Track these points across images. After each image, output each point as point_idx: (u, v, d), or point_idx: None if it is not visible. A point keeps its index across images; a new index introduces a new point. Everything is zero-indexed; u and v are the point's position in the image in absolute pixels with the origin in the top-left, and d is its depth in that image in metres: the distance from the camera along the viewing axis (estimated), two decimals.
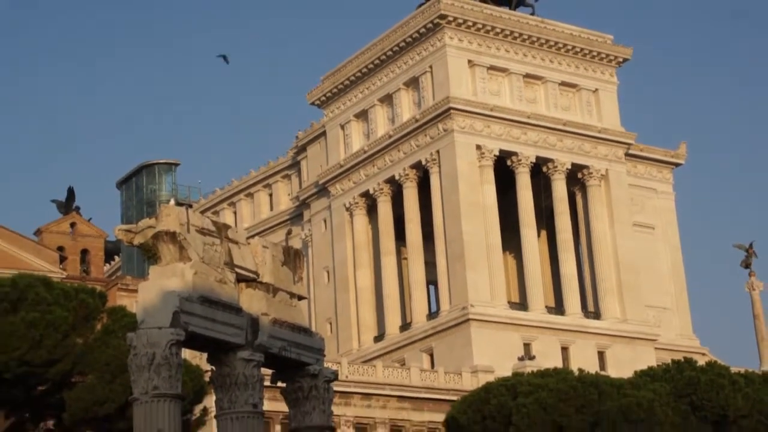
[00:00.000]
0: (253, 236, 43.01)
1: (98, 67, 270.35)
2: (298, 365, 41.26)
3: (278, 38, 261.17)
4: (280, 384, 42.32)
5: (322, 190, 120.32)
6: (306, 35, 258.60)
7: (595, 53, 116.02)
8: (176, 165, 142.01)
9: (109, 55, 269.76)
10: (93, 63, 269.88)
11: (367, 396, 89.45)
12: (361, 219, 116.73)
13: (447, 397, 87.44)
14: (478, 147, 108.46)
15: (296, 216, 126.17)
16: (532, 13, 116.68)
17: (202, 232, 38.47)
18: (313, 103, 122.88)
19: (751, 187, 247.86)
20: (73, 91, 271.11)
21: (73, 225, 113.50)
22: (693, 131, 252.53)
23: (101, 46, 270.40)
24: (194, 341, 37.68)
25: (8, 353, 55.16)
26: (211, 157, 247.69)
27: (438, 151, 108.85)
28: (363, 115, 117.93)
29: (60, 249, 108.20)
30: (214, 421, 39.81)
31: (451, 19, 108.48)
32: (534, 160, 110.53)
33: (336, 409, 51.89)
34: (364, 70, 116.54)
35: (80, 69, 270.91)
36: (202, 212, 47.82)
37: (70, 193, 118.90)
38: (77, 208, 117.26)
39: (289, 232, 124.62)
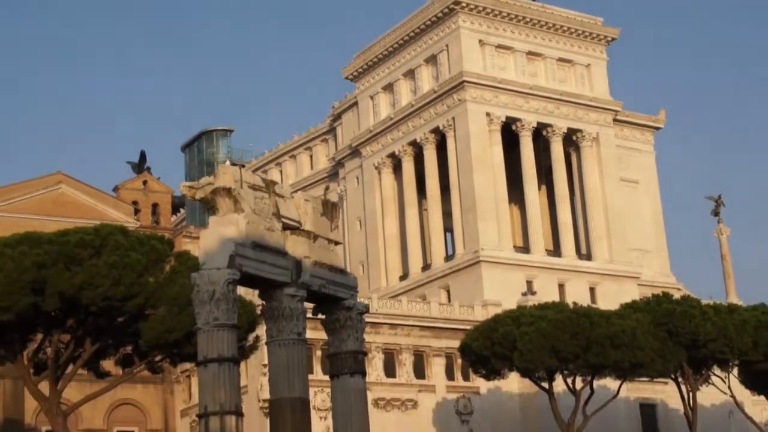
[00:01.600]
0: (296, 191, 43.14)
1: (166, 43, 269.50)
2: (335, 300, 41.54)
3: (317, 20, 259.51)
4: (320, 316, 42.44)
5: (355, 152, 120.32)
6: (340, 18, 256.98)
7: (587, 33, 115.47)
8: (231, 131, 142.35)
9: (172, 34, 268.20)
10: (153, 43, 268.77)
11: (393, 326, 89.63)
12: (388, 176, 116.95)
13: (461, 327, 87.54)
14: (488, 114, 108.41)
15: (333, 174, 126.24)
16: None
17: (253, 187, 38.63)
18: (347, 78, 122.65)
19: (721, 147, 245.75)
20: (147, 68, 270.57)
21: (145, 182, 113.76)
22: (671, 100, 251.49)
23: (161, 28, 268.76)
24: (247, 280, 37.82)
25: (93, 290, 55.53)
26: (260, 124, 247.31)
27: (453, 118, 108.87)
28: (389, 88, 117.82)
29: (134, 203, 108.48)
30: (265, 347, 40.29)
31: (464, 5, 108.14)
32: (535, 125, 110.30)
33: (367, 337, 52.26)
34: (390, 49, 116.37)
35: (148, 48, 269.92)
36: (253, 171, 48.42)
37: (142, 155, 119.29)
38: (148, 168, 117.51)
39: (327, 188, 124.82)
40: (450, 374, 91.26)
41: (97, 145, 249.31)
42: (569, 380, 76.14)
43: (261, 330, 46.54)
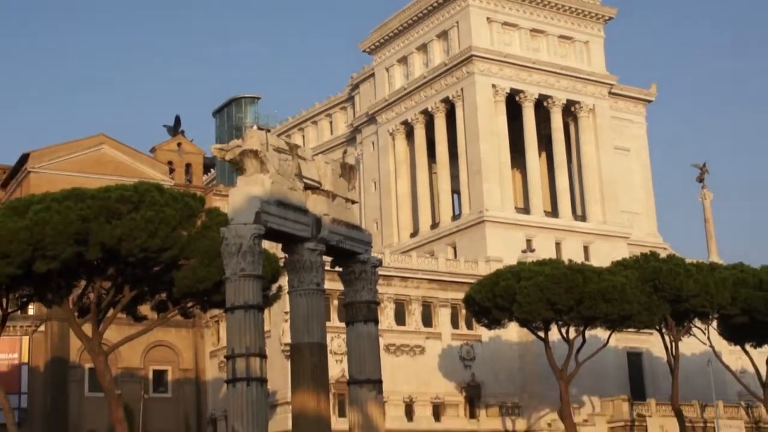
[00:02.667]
0: (317, 154, 43.22)
1: (202, 18, 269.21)
2: (351, 254, 41.50)
3: None
4: (337, 268, 42.42)
5: (371, 119, 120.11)
6: None
7: (586, 12, 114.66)
8: (258, 98, 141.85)
9: (210, 8, 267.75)
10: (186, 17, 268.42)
11: (404, 279, 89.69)
12: (401, 141, 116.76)
13: (466, 280, 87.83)
14: (493, 86, 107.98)
15: (350, 139, 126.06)
16: None
17: (278, 150, 38.48)
18: (364, 51, 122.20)
19: (708, 119, 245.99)
20: (182, 41, 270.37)
21: (179, 144, 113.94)
22: (663, 75, 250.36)
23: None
24: (271, 235, 37.82)
25: (132, 242, 55.76)
26: (285, 93, 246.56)
27: (462, 89, 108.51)
28: (403, 60, 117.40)
29: (169, 163, 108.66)
30: (287, 296, 40.35)
31: None
32: (537, 97, 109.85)
33: (380, 289, 52.31)
34: (405, 24, 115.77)
35: (183, 23, 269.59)
36: (278, 135, 47.94)
37: (177, 120, 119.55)
38: (182, 132, 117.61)
39: (345, 152, 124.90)
40: (455, 323, 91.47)
41: (136, 109, 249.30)
42: (563, 330, 76.44)
43: (283, 281, 46.80)
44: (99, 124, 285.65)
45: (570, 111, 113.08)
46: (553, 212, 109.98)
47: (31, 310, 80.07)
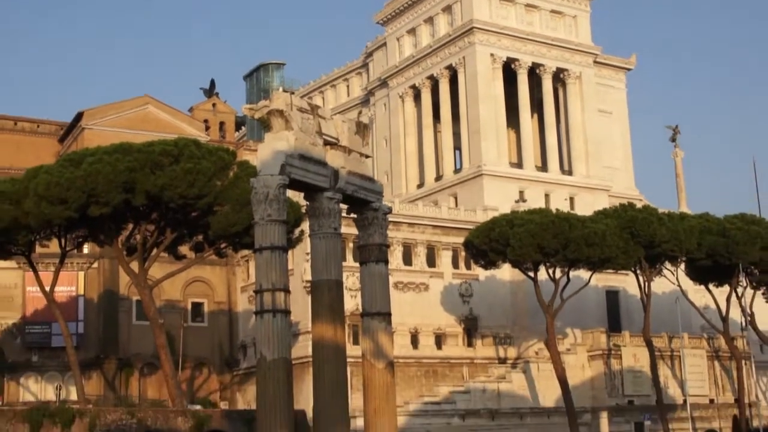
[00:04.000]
0: (335, 114, 43.16)
1: None
2: (364, 202, 41.40)
3: None
4: (352, 215, 42.43)
5: (383, 84, 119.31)
6: None
7: None
8: (283, 64, 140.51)
9: None
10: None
11: (411, 225, 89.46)
12: (409, 103, 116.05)
13: (465, 227, 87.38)
14: (492, 55, 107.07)
15: (365, 101, 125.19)
16: None
17: (301, 110, 38.25)
18: (377, 22, 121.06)
19: (683, 85, 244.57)
20: (218, 13, 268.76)
21: (214, 105, 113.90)
22: (642, 46, 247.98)
23: None
24: (295, 185, 37.68)
25: (173, 190, 55.99)
26: (307, 60, 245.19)
27: (464, 57, 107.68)
28: (412, 31, 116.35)
29: (205, 121, 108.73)
30: (308, 239, 40.34)
31: None
32: (530, 65, 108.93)
33: (390, 233, 52.50)
34: (413, 0, 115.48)
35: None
36: (301, 97, 47.87)
37: (212, 83, 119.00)
38: (217, 93, 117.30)
39: (359, 112, 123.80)
40: (455, 264, 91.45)
41: (176, 74, 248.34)
42: (550, 271, 76.43)
43: (305, 225, 46.88)
44: (144, 86, 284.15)
45: (559, 78, 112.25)
46: (543, 167, 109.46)
47: (85, 249, 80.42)
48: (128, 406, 54.81)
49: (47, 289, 63.28)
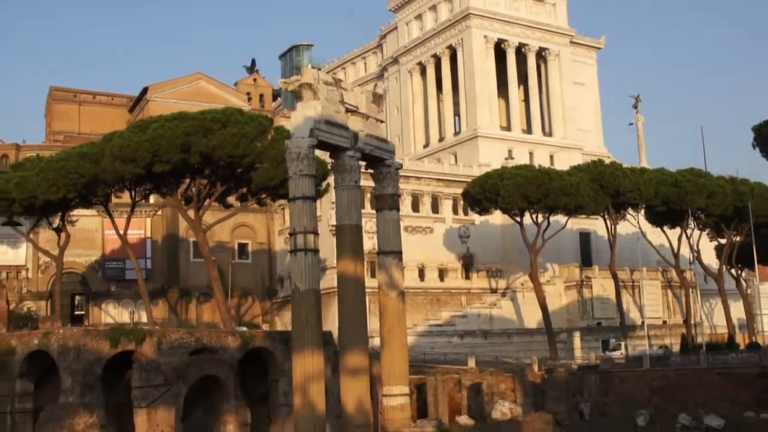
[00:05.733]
0: (355, 86, 43.15)
1: None
2: (379, 160, 41.64)
3: None
4: (369, 170, 42.66)
5: (395, 61, 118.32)
6: None
7: None
8: (312, 45, 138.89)
9: None
10: None
11: (418, 178, 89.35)
12: (417, 77, 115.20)
13: (463, 180, 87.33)
14: (485, 36, 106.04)
15: (380, 75, 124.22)
16: None
17: (326, 83, 38.29)
18: (390, 9, 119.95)
19: (644, 61, 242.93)
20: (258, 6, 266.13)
21: (254, 80, 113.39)
22: (609, 28, 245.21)
23: None
24: (321, 145, 37.81)
25: (221, 150, 55.84)
26: (331, 41, 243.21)
27: (462, 39, 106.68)
28: (419, 17, 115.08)
29: (247, 93, 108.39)
30: (333, 190, 40.37)
31: None
32: (517, 45, 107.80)
33: (401, 185, 52.34)
34: None
35: None
36: (326, 73, 47.10)
37: (253, 62, 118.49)
38: (257, 70, 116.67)
39: (375, 85, 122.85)
40: (455, 211, 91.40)
41: (223, 54, 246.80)
42: (534, 216, 76.38)
43: (330, 179, 46.68)
44: (197, 64, 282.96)
45: (541, 55, 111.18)
46: (528, 130, 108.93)
47: (151, 199, 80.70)
48: (188, 328, 55.30)
49: (121, 232, 63.63)
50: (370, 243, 68.66)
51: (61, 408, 43.63)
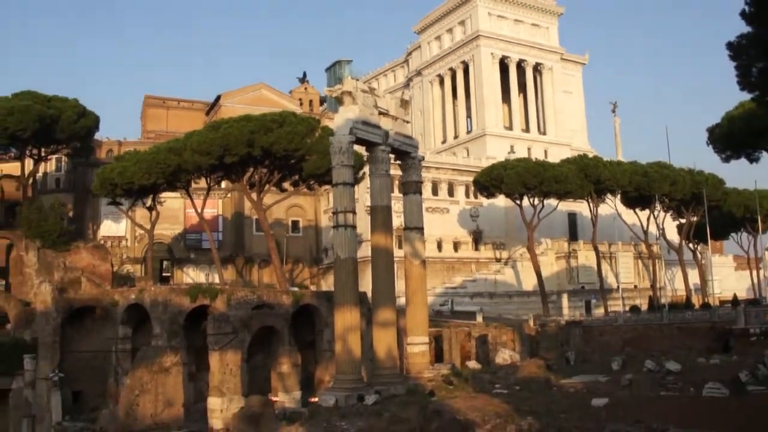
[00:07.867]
0: (386, 94, 42.92)
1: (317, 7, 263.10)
2: (406, 153, 41.26)
3: None
4: (397, 161, 42.23)
5: (419, 73, 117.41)
6: None
7: (546, 9, 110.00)
8: (351, 61, 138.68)
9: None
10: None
11: (437, 168, 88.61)
12: (436, 87, 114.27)
13: (474, 170, 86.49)
14: (491, 53, 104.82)
15: (406, 85, 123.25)
16: None
17: (363, 91, 38.09)
18: (415, 32, 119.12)
19: (621, 74, 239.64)
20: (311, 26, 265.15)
21: (305, 89, 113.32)
22: (592, 47, 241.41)
23: None
24: (359, 141, 37.54)
25: (279, 145, 55.93)
26: (367, 58, 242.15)
27: (473, 55, 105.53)
28: (439, 38, 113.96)
29: (299, 100, 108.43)
30: (368, 178, 40.21)
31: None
32: (517, 60, 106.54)
33: (423, 174, 52.12)
34: (440, 15, 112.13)
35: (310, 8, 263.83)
36: (363, 82, 46.62)
37: (304, 74, 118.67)
38: (307, 81, 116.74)
39: (402, 93, 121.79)
40: (467, 195, 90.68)
41: (280, 67, 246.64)
42: (531, 200, 75.70)
43: (366, 168, 46.60)
44: (260, 75, 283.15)
45: (537, 69, 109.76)
46: (527, 129, 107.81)
47: (223, 184, 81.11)
48: (251, 288, 55.51)
49: (199, 210, 63.92)
50: (398, 221, 68.30)
51: (153, 349, 44.45)
